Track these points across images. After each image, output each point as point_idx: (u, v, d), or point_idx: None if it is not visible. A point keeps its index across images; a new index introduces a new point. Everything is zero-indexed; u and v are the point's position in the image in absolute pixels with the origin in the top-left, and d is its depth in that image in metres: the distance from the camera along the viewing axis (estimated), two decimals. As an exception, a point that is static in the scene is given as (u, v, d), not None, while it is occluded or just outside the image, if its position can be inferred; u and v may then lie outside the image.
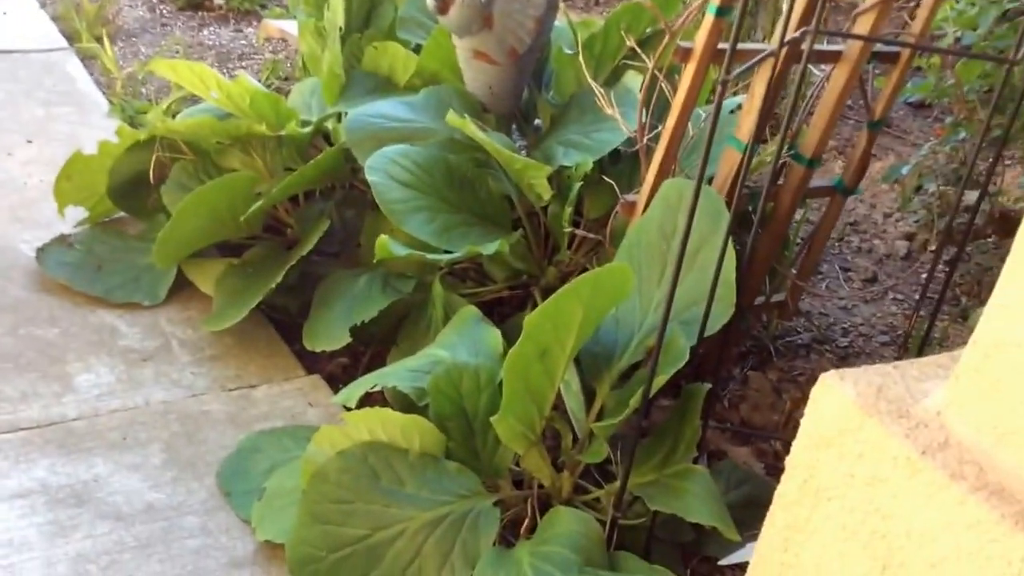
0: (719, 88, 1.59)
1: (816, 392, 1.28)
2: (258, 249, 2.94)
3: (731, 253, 1.98)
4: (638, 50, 2.31)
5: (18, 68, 4.28)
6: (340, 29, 2.95)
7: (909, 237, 3.62)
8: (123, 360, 2.65)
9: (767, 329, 2.89)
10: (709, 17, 2.05)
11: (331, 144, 3.05)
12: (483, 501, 1.95)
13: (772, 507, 1.39)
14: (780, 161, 2.26)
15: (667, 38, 2.10)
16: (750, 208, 2.44)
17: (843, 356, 2.91)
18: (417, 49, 3.01)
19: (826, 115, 2.28)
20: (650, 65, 2.14)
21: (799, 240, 2.92)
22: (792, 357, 2.87)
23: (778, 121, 3.08)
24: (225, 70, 4.49)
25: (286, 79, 4.34)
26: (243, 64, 4.59)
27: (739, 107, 2.37)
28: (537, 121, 3.00)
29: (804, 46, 1.81)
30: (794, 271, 2.60)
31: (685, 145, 2.34)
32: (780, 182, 2.39)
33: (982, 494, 1.07)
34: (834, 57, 2.25)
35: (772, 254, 2.44)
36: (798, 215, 2.91)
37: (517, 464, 2.10)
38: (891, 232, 3.65)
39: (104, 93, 4.13)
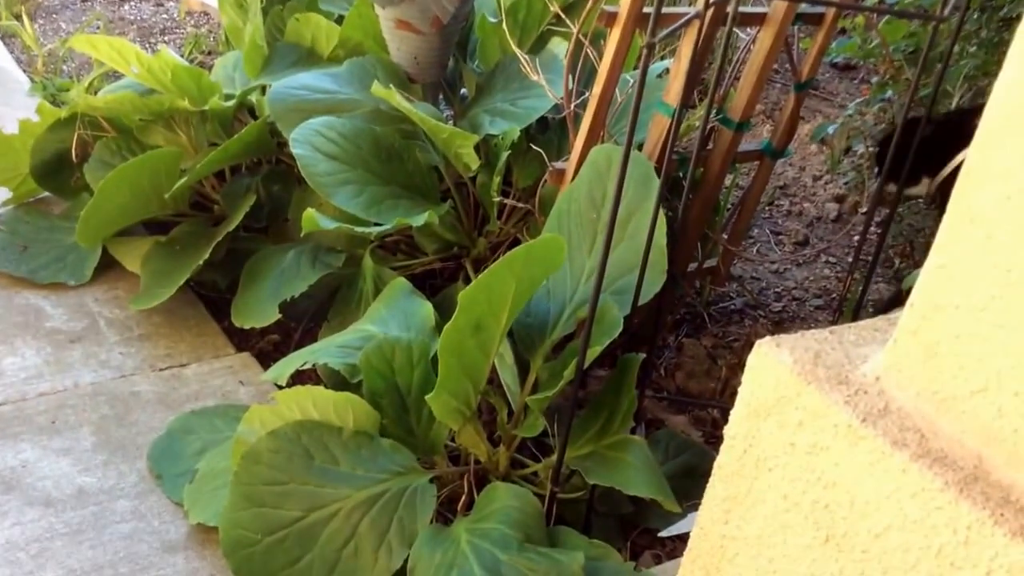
0: (645, 52, 1.57)
1: (752, 360, 1.26)
2: (185, 226, 2.89)
3: (662, 220, 1.97)
4: (563, 16, 2.29)
5: (-68, 47, 4.16)
6: (261, 1, 2.89)
7: (839, 199, 3.64)
8: (50, 342, 2.59)
9: (700, 295, 2.90)
10: (634, -19, 2.03)
11: (255, 118, 3.00)
12: (419, 478, 1.93)
13: (712, 478, 1.37)
14: (708, 126, 2.25)
15: (591, 3, 2.07)
16: (680, 174, 2.43)
17: (777, 321, 2.92)
18: (340, 20, 2.96)
19: (753, 78, 2.27)
20: (575, 31, 2.11)
21: (729, 205, 2.92)
22: (726, 323, 2.88)
23: (706, 85, 3.08)
24: (147, 45, 4.40)
25: (209, 53, 4.26)
26: (165, 39, 4.50)
27: (666, 71, 2.35)
28: (463, 90, 2.97)
29: (729, 8, 1.80)
30: (725, 236, 2.60)
31: (613, 111, 2.32)
32: (709, 147, 2.39)
33: (925, 461, 1.06)
34: (759, 19, 2.24)
35: (703, 220, 2.44)
36: (728, 180, 2.91)
37: (453, 440, 2.09)
38: (821, 195, 3.67)
39: (25, 71, 4.02)
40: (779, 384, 1.22)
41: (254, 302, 2.56)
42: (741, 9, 2.09)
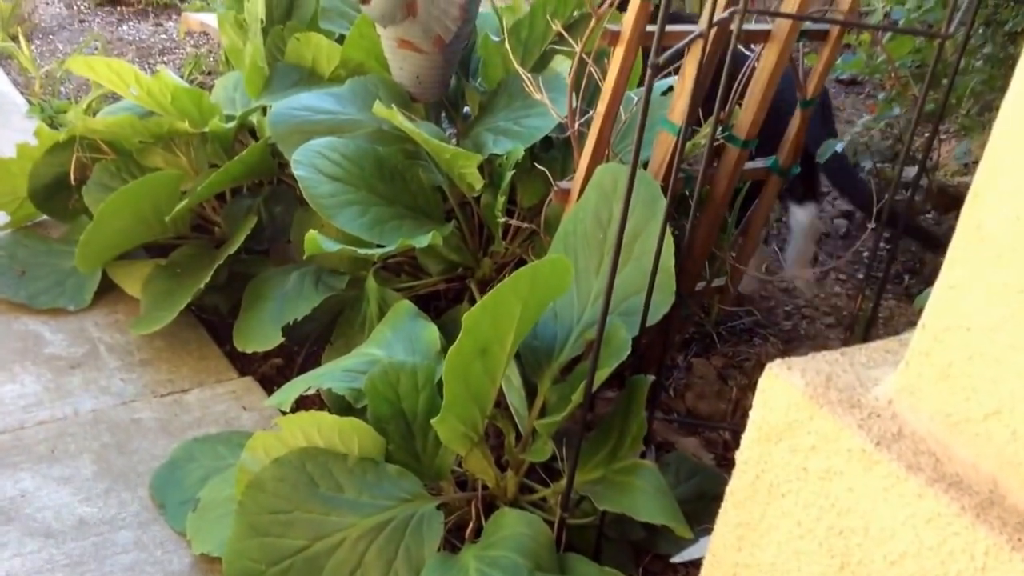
0: (649, 72, 1.55)
1: (763, 383, 1.24)
2: (185, 249, 2.87)
3: (669, 240, 1.95)
4: (565, 35, 2.26)
5: (-70, 69, 4.14)
6: (261, 21, 2.88)
7: (847, 215, 3.61)
8: (49, 368, 2.56)
9: (709, 315, 2.86)
10: (635, 0, 2.01)
11: (256, 139, 2.98)
12: (426, 505, 1.90)
13: (724, 504, 1.35)
14: (714, 143, 2.23)
15: (594, 21, 2.05)
16: (687, 192, 2.41)
17: (788, 340, 2.89)
18: (341, 39, 2.94)
19: (758, 95, 2.25)
20: (578, 49, 2.09)
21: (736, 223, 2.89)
22: (736, 342, 2.84)
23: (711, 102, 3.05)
24: (146, 66, 4.38)
25: (209, 74, 4.24)
26: (164, 59, 4.48)
27: (671, 89, 2.33)
28: (466, 109, 2.95)
29: (733, 27, 1.77)
30: (733, 254, 2.57)
31: (618, 129, 2.29)
32: (715, 165, 2.36)
33: (940, 486, 1.05)
34: (763, 36, 2.21)
35: (711, 238, 2.41)
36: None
37: (460, 465, 2.05)
38: (829, 211, 3.65)
39: (23, 93, 4.00)
40: (791, 408, 1.20)
41: (256, 325, 2.53)
42: (745, 27, 2.07)
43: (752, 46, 2.34)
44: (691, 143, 2.30)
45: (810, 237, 3.05)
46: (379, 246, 2.35)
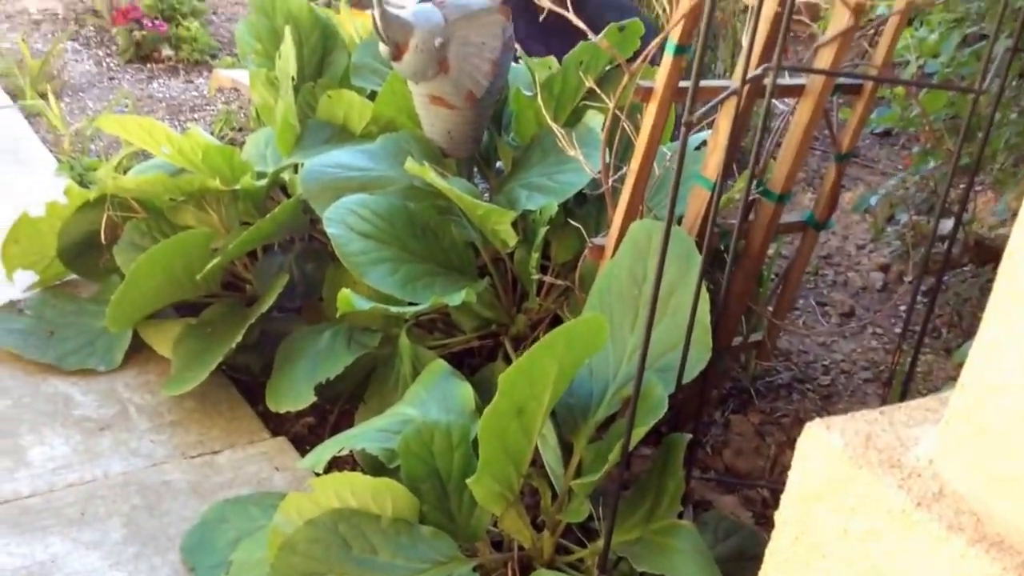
0: (683, 130, 1.53)
1: (802, 443, 1.23)
2: (217, 307, 2.85)
3: (705, 296, 1.93)
4: (597, 90, 2.26)
5: (-38, 129, 4.17)
6: (292, 79, 2.88)
7: (884, 268, 3.58)
8: (79, 430, 2.54)
9: (746, 370, 2.83)
10: (668, 56, 2.00)
11: (288, 196, 2.98)
12: (461, 567, 1.86)
13: (764, 565, 1.33)
14: (749, 198, 2.21)
15: (626, 78, 2.03)
16: (722, 247, 2.39)
17: (826, 395, 2.85)
18: (372, 96, 2.95)
19: (793, 149, 2.23)
20: (611, 105, 2.07)
21: (773, 276, 2.86)
22: (774, 398, 2.81)
23: (745, 156, 3.04)
24: (177, 123, 4.41)
25: (240, 130, 4.26)
26: (195, 116, 4.51)
27: (704, 143, 2.31)
28: (499, 163, 2.94)
29: (766, 82, 1.76)
30: (770, 309, 2.54)
31: (651, 184, 2.28)
32: (750, 219, 2.34)
33: (982, 546, 1.03)
34: (797, 91, 2.20)
35: (747, 293, 2.39)
36: (771, 250, 2.86)
37: (495, 525, 2.02)
38: (865, 264, 3.61)
39: (52, 151, 4.03)
40: (830, 468, 1.19)
41: (289, 385, 2.51)
42: (779, 81, 2.05)
43: (786, 100, 2.33)
44: (725, 197, 2.28)
45: None
46: (412, 304, 2.33)
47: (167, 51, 5.01)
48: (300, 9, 3.14)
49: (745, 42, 1.86)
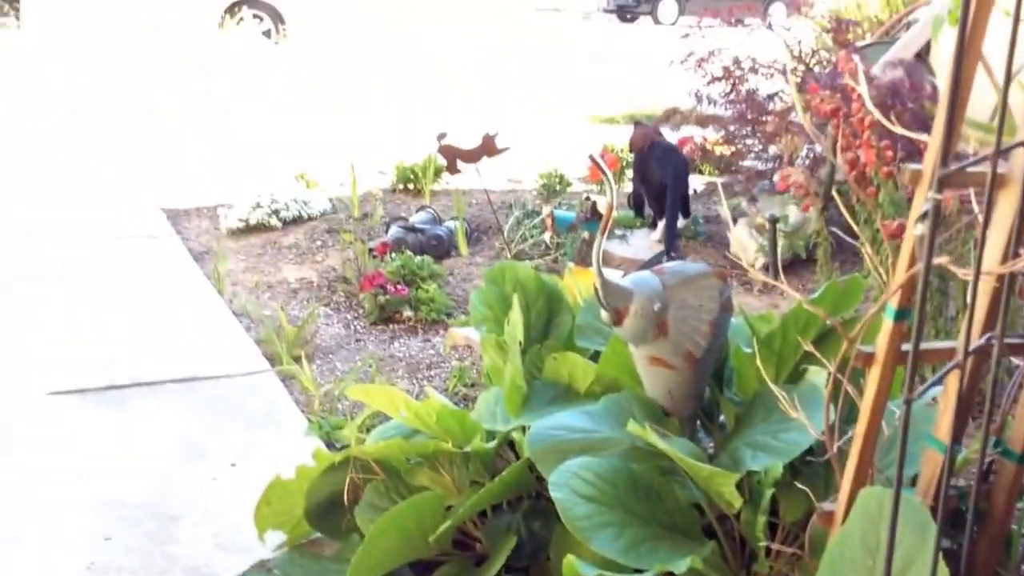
0: (904, 408, 1.51)
1: None
2: (448, 568, 2.91)
3: (943, 568, 1.84)
4: (816, 354, 2.25)
5: (225, 393, 4.48)
6: (520, 343, 3.00)
7: None
8: None
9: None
10: (888, 321, 1.99)
11: (516, 453, 3.06)
12: None
13: None
14: (987, 459, 2.12)
15: (845, 345, 2.03)
16: (963, 508, 2.28)
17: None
18: (596, 355, 3.03)
19: (1032, 405, 2.15)
20: (832, 369, 2.06)
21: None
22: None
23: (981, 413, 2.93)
24: (415, 380, 4.62)
25: (472, 385, 4.43)
26: (432, 373, 4.71)
27: (934, 400, 2.25)
28: (721, 418, 2.94)
29: (994, 353, 1.72)
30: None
31: (881, 443, 2.22)
32: (991, 480, 2.24)
33: None
34: (1027, 347, 2.14)
35: (994, 558, 2.26)
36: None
37: None
38: None
39: (303, 411, 4.28)
40: None
41: (518, 648, 2.51)
42: (1007, 340, 2.00)
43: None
44: (961, 458, 2.20)
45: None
46: (636, 571, 2.32)
47: (407, 312, 5.30)
48: (527, 277, 3.32)
49: (964, 316, 1.83)
